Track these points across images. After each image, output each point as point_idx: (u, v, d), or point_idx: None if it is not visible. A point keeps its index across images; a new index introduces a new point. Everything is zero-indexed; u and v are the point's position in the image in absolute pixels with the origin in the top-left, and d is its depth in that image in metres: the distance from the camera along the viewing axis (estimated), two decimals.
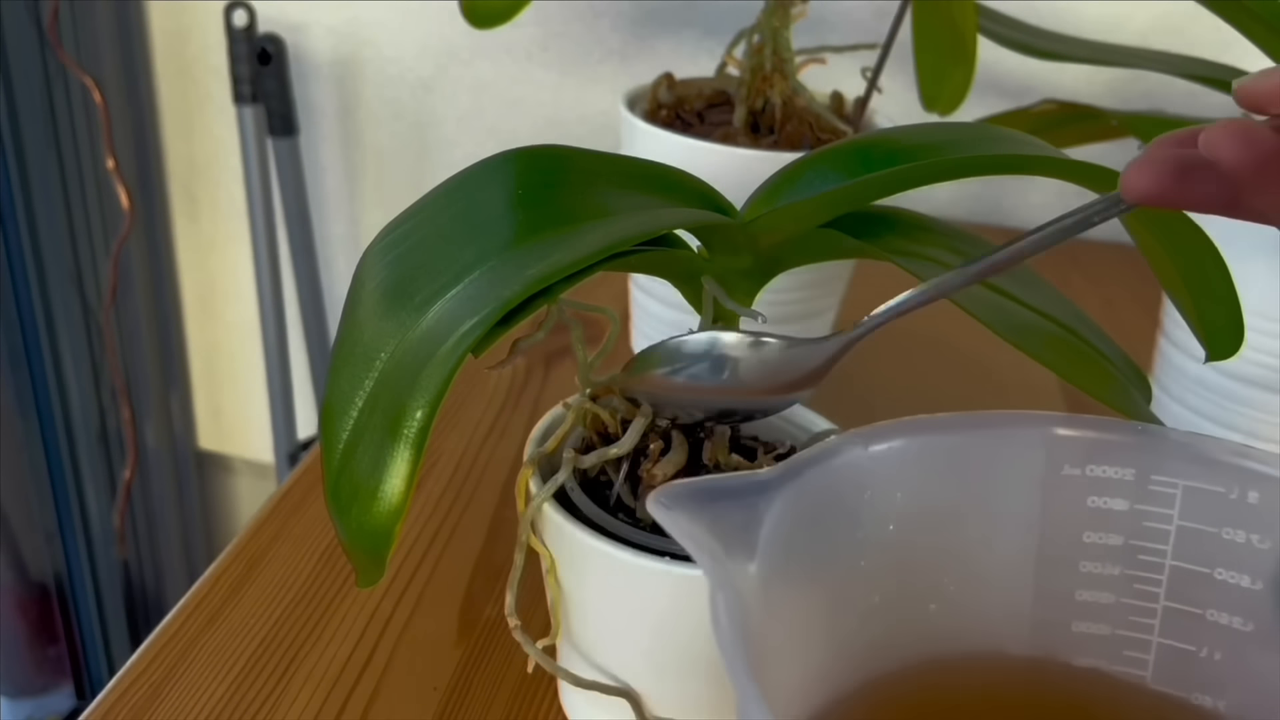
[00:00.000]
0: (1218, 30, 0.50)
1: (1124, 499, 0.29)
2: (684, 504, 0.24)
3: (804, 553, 0.26)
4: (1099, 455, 0.29)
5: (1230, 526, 0.28)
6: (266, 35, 0.91)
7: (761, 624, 0.23)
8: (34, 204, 0.93)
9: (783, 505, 0.25)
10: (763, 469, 0.26)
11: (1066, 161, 0.31)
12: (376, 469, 0.27)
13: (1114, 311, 0.67)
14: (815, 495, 0.26)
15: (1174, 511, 0.29)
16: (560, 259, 0.28)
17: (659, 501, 0.24)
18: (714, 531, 0.24)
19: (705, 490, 0.24)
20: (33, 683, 1.07)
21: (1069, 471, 0.29)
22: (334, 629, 0.41)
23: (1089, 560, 0.29)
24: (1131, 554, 0.29)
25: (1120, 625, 0.30)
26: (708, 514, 0.24)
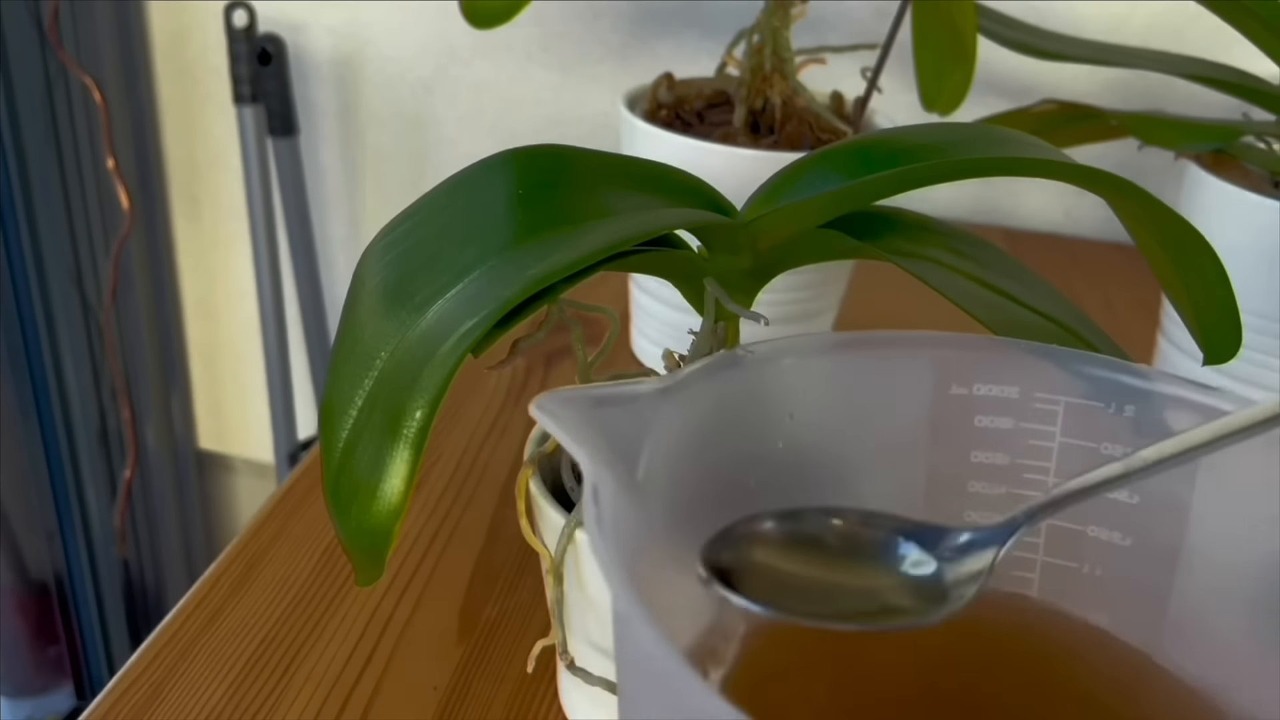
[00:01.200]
0: (1218, 30, 0.50)
1: (1009, 417, 0.29)
2: (570, 408, 0.23)
3: (691, 464, 0.26)
4: (985, 374, 0.29)
5: (1109, 441, 0.28)
6: (266, 35, 0.91)
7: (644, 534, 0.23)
8: (34, 204, 0.93)
9: (670, 415, 0.25)
10: (652, 378, 0.25)
11: (1067, 164, 0.31)
12: (376, 469, 0.27)
13: (1114, 311, 0.67)
14: (704, 408, 0.26)
15: (1056, 429, 0.29)
16: (560, 259, 0.28)
17: (543, 406, 0.23)
18: (599, 434, 0.23)
19: (592, 397, 0.24)
20: (33, 683, 1.07)
21: (956, 390, 0.29)
22: (334, 629, 0.41)
23: (977, 480, 0.30)
24: (1017, 472, 0.29)
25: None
26: (595, 418, 0.23)
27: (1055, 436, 0.29)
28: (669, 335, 0.54)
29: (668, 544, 0.25)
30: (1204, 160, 0.52)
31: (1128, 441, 0.28)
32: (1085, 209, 0.82)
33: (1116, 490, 0.28)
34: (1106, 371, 0.28)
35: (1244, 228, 0.49)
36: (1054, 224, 0.83)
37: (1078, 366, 0.29)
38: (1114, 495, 0.28)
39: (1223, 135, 0.51)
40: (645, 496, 0.23)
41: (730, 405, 0.27)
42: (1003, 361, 0.29)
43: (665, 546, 0.25)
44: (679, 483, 0.25)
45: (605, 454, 0.23)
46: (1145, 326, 0.60)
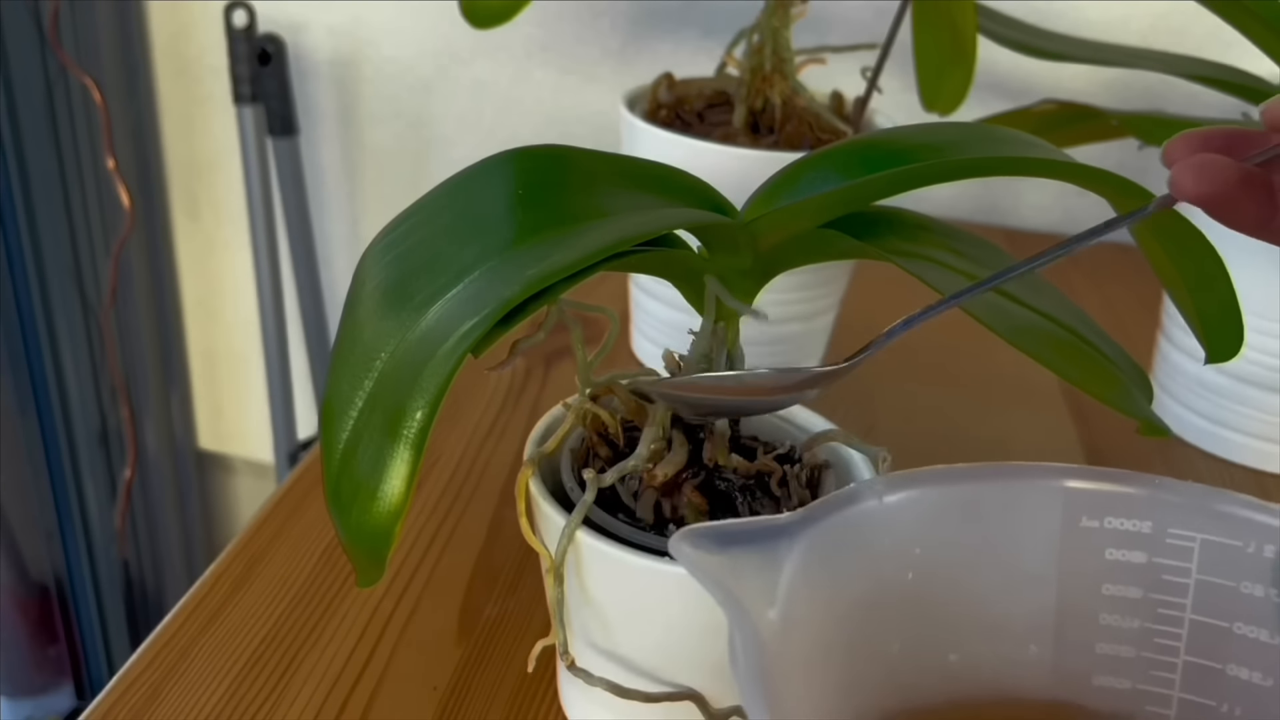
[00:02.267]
0: (1218, 30, 0.50)
1: (1142, 551, 0.29)
2: (705, 546, 0.24)
3: (823, 599, 0.26)
4: (1116, 508, 0.29)
5: (1249, 580, 0.28)
6: (266, 35, 0.91)
7: (780, 667, 0.23)
8: (34, 204, 0.93)
9: (802, 551, 0.25)
10: (782, 514, 0.26)
11: (1068, 164, 0.31)
12: (376, 469, 0.27)
13: (1114, 311, 0.67)
14: (834, 542, 0.26)
15: (1192, 565, 0.28)
16: (560, 259, 0.28)
17: (680, 544, 0.24)
18: (734, 575, 0.24)
19: (726, 534, 0.25)
20: (33, 683, 1.07)
21: (1086, 523, 0.29)
22: (334, 629, 0.41)
23: (1108, 613, 0.29)
24: (1151, 607, 0.29)
25: (1141, 680, 0.29)
26: (728, 557, 0.24)
27: (1191, 573, 0.29)
28: (669, 335, 0.54)
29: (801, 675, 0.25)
30: None
31: (1271, 582, 0.28)
32: (1085, 209, 0.82)
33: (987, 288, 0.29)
34: (1245, 510, 0.28)
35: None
36: (1054, 224, 0.83)
37: (1213, 504, 0.28)
38: (1254, 635, 0.28)
39: None
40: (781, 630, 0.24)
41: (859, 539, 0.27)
42: (1134, 495, 0.29)
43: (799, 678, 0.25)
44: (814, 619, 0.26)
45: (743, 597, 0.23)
46: (1146, 326, 0.60)
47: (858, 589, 0.28)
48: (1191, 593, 0.29)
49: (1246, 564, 0.28)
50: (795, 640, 0.24)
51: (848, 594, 0.27)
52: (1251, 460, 0.53)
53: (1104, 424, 0.56)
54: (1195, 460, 0.54)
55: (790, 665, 0.24)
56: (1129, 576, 0.29)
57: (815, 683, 0.26)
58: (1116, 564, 0.29)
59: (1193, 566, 0.28)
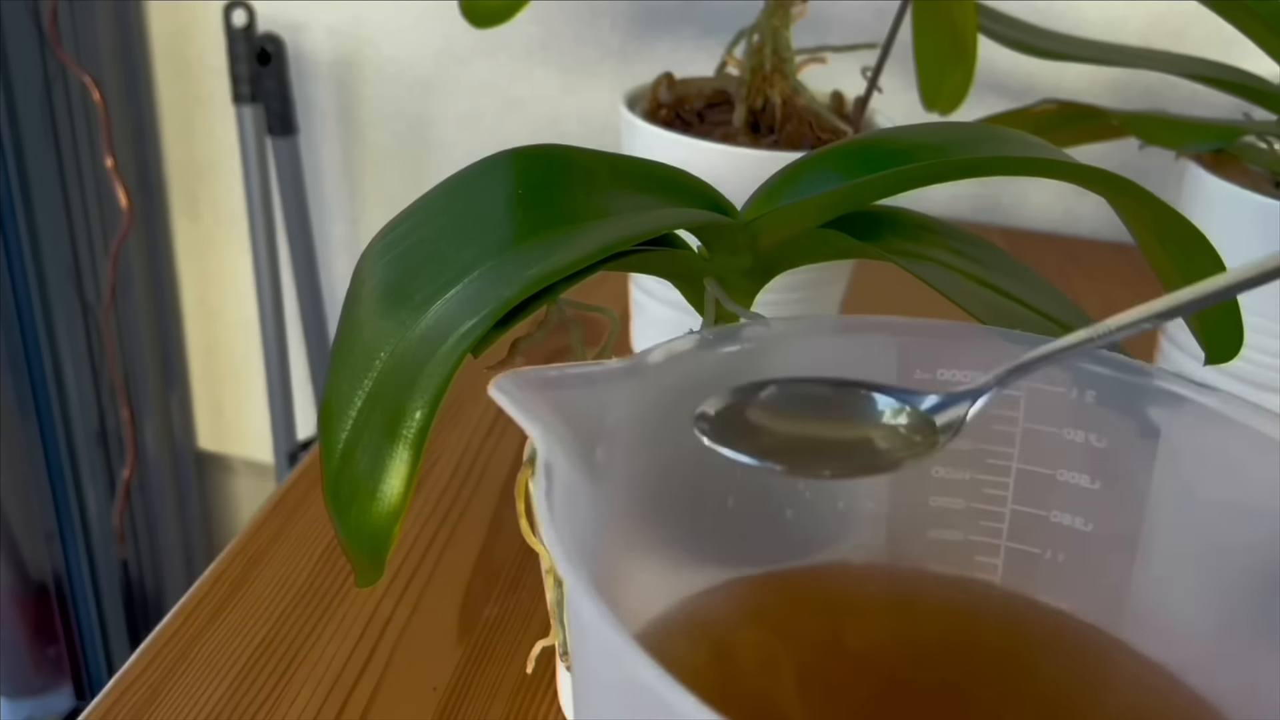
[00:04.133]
0: (1219, 30, 0.50)
1: None
2: (528, 388, 0.23)
3: (652, 448, 0.26)
4: (947, 359, 0.29)
5: (1071, 426, 0.28)
6: (266, 35, 0.91)
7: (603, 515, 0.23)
8: (33, 203, 0.93)
9: (629, 397, 0.25)
10: (610, 360, 0.25)
11: (1068, 164, 0.31)
12: (375, 469, 0.27)
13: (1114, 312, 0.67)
14: (665, 389, 0.26)
15: (1019, 414, 0.29)
16: (560, 259, 0.28)
17: (500, 387, 0.23)
18: (557, 414, 0.23)
19: (549, 377, 0.24)
20: (32, 683, 1.07)
21: (920, 376, 0.29)
22: (334, 629, 0.41)
23: (941, 466, 0.30)
24: (980, 458, 0.29)
25: (971, 530, 0.30)
26: (551, 396, 0.23)
27: (1019, 422, 0.29)
28: (669, 335, 0.54)
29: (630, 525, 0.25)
30: (1205, 160, 0.52)
31: (1090, 427, 0.28)
32: (1085, 209, 0.82)
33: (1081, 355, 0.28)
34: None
35: (1245, 227, 0.49)
36: (1054, 224, 0.83)
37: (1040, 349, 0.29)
38: (1076, 481, 0.29)
39: (1223, 135, 0.51)
40: (604, 476, 0.23)
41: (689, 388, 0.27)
42: (964, 346, 0.29)
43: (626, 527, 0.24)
44: (641, 464, 0.25)
45: (560, 432, 0.22)
46: None
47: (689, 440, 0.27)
48: (1019, 441, 0.29)
49: (1069, 410, 0.28)
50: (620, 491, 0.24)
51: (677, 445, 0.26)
52: None
53: None
54: None
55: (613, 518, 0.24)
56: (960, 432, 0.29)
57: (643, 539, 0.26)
58: None
59: (1020, 415, 0.29)
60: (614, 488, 0.24)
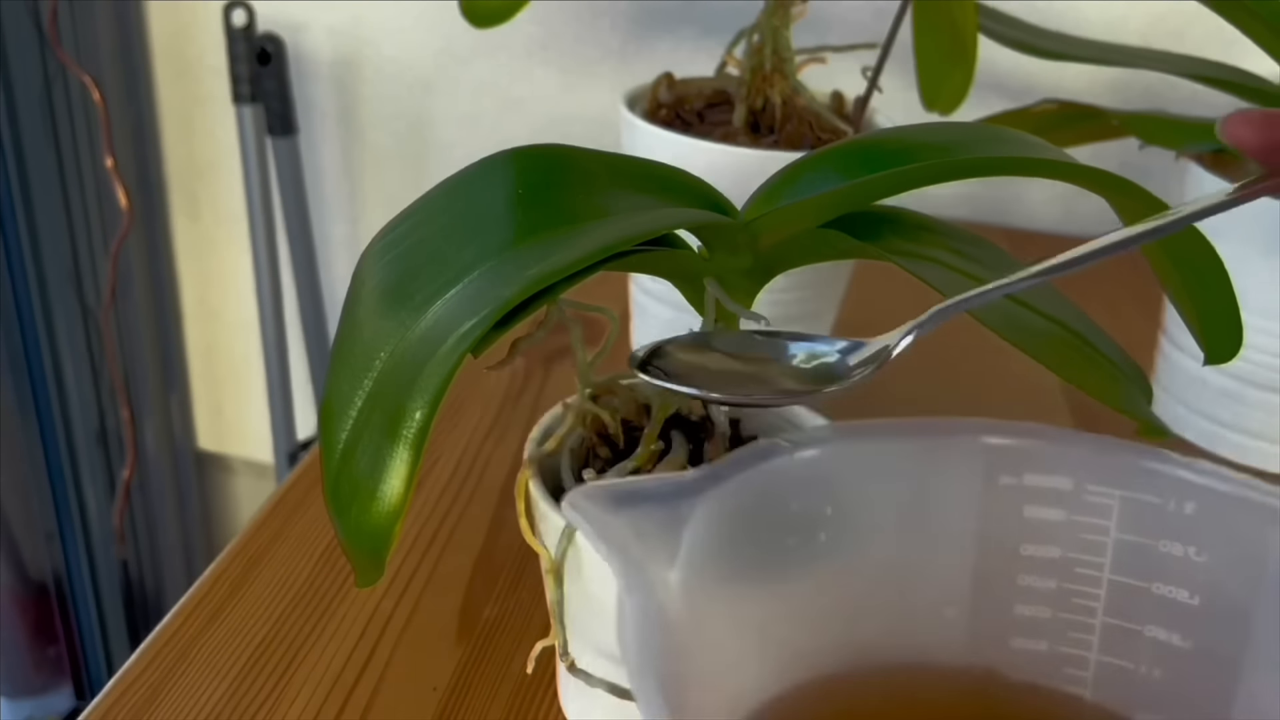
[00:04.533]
0: (1219, 30, 0.50)
1: (1060, 509, 0.28)
2: (601, 505, 0.23)
3: (729, 560, 0.25)
4: (1035, 463, 0.28)
5: (1168, 539, 0.27)
6: (266, 35, 0.91)
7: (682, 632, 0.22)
8: (33, 203, 0.93)
9: (707, 510, 0.24)
10: (686, 471, 0.25)
11: (1068, 164, 0.31)
12: (375, 469, 0.27)
13: (1114, 311, 0.67)
14: (742, 501, 0.25)
15: (1111, 523, 0.28)
16: (560, 259, 0.28)
17: (572, 503, 0.23)
18: (633, 534, 0.22)
19: (624, 492, 0.23)
20: (32, 683, 1.07)
21: (1006, 480, 0.28)
22: (334, 629, 0.41)
23: (1026, 573, 0.28)
24: (1069, 567, 0.28)
25: (1059, 641, 0.29)
26: (626, 517, 0.23)
27: (1110, 531, 0.28)
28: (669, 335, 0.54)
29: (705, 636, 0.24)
30: (1205, 160, 0.52)
31: (1189, 540, 0.27)
32: (1085, 209, 0.82)
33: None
34: (1164, 466, 0.27)
35: (1245, 228, 0.49)
36: (1054, 224, 0.83)
37: (1134, 460, 0.27)
38: (1173, 595, 0.27)
39: None
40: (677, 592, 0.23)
41: (767, 498, 0.26)
42: (1055, 452, 0.28)
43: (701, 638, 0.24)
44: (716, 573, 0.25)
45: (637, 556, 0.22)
46: (1146, 326, 0.60)
47: (766, 549, 0.26)
48: (1110, 551, 0.28)
49: (1166, 522, 0.27)
50: (697, 605, 0.23)
51: (756, 555, 0.26)
52: (1251, 460, 0.53)
53: (1104, 424, 0.56)
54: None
55: (690, 632, 0.23)
56: (1047, 535, 0.28)
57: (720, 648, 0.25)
58: (1035, 522, 0.28)
59: (1112, 524, 0.28)
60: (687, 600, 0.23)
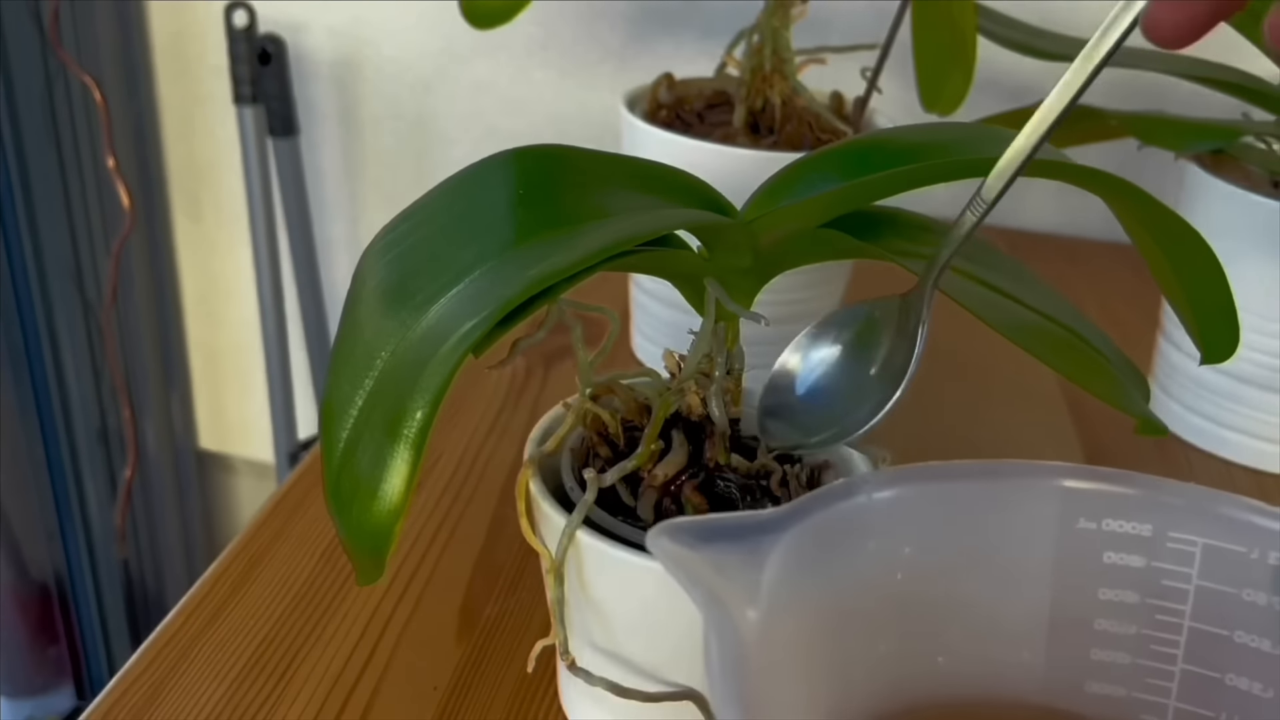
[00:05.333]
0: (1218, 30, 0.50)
1: (1141, 555, 0.28)
2: (685, 541, 0.23)
3: (807, 598, 0.25)
4: (1115, 509, 0.28)
5: (1251, 588, 0.27)
6: (267, 35, 0.91)
7: (761, 668, 0.22)
8: (34, 204, 0.93)
9: (787, 548, 0.24)
10: (768, 510, 0.25)
11: (1068, 164, 0.31)
12: (376, 468, 0.27)
13: (1114, 311, 0.67)
14: (821, 539, 0.26)
15: (1193, 570, 0.27)
16: (561, 259, 0.28)
17: (659, 539, 0.23)
18: (714, 571, 0.23)
19: (707, 529, 0.24)
20: (33, 683, 1.07)
21: (1084, 525, 0.28)
22: (334, 629, 0.41)
23: (1104, 618, 0.28)
24: (1149, 613, 0.28)
25: (1136, 688, 0.29)
26: (708, 553, 0.23)
27: (1192, 579, 0.27)
28: (669, 335, 0.54)
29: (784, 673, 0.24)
30: (1204, 160, 0.52)
31: (1273, 590, 0.27)
32: (1085, 209, 0.82)
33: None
34: (1249, 515, 0.27)
35: (1244, 228, 0.49)
36: (1054, 224, 0.83)
37: (1216, 508, 0.27)
38: (1256, 644, 0.27)
39: (1223, 135, 0.51)
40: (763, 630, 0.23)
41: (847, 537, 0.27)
42: (1134, 497, 0.28)
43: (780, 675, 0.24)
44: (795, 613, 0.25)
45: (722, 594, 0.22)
46: (1145, 326, 0.60)
47: (844, 588, 0.27)
48: (1191, 599, 0.28)
49: (1249, 570, 0.27)
50: (777, 641, 0.24)
51: (833, 594, 0.27)
52: (1251, 460, 0.53)
53: (1103, 423, 0.56)
54: (1194, 460, 0.54)
55: (771, 668, 0.23)
56: (1126, 581, 0.28)
57: (797, 686, 0.25)
58: (1114, 567, 0.28)
59: (1193, 572, 0.27)
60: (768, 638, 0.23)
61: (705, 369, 0.34)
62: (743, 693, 0.21)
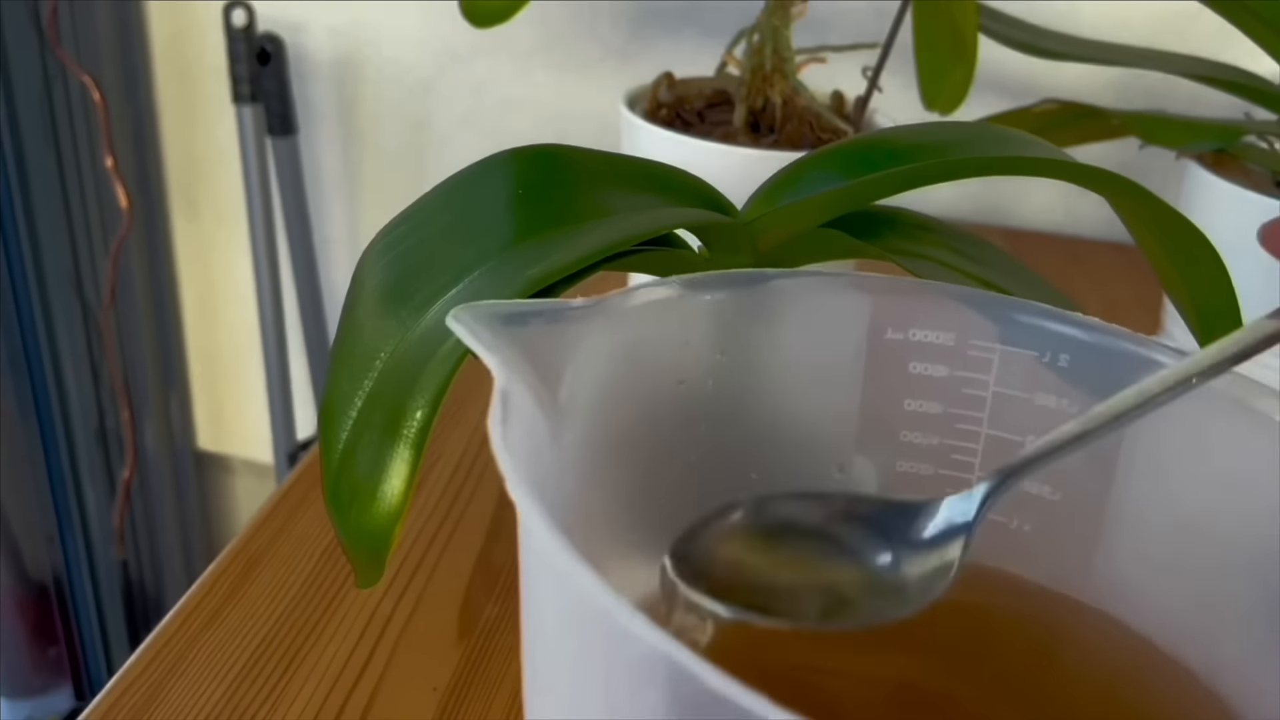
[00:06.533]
0: (1220, 30, 0.50)
1: (944, 365, 0.28)
2: (487, 321, 0.22)
3: (616, 395, 0.25)
4: (921, 319, 0.28)
5: (1042, 391, 0.28)
6: (266, 35, 0.91)
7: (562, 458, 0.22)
8: (33, 204, 0.93)
9: (596, 339, 0.24)
10: (578, 300, 0.24)
11: (1068, 163, 0.31)
12: (376, 469, 0.27)
13: (1114, 312, 0.67)
14: (631, 335, 0.25)
15: (990, 378, 0.28)
16: (561, 259, 0.28)
17: (458, 317, 0.22)
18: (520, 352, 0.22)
19: (512, 312, 0.23)
20: (32, 683, 1.07)
21: (892, 335, 0.28)
22: (334, 629, 0.41)
23: (909, 430, 0.29)
24: (950, 422, 0.29)
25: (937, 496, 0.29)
26: (512, 334, 0.22)
27: (989, 386, 0.28)
28: None
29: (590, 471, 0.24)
30: (1205, 160, 0.52)
31: (1061, 392, 0.27)
32: (1086, 209, 0.82)
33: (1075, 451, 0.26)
34: (1041, 320, 0.27)
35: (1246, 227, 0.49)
36: (1054, 224, 0.83)
37: (1012, 314, 0.28)
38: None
39: (1224, 135, 0.51)
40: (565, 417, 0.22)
41: (659, 336, 0.26)
42: (938, 307, 0.28)
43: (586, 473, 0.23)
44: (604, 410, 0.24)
45: (521, 367, 0.21)
46: (1145, 327, 0.60)
47: (655, 389, 0.26)
48: (988, 406, 0.28)
49: (1041, 374, 0.27)
50: (582, 433, 0.23)
51: (645, 393, 0.26)
52: None
53: None
54: None
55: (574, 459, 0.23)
56: (931, 391, 0.28)
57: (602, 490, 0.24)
58: (919, 378, 0.28)
59: (990, 379, 0.28)
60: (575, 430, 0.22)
61: None
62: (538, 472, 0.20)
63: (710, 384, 0.27)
